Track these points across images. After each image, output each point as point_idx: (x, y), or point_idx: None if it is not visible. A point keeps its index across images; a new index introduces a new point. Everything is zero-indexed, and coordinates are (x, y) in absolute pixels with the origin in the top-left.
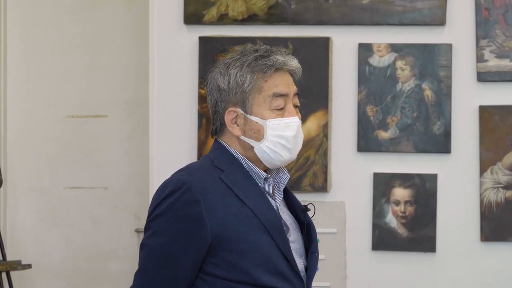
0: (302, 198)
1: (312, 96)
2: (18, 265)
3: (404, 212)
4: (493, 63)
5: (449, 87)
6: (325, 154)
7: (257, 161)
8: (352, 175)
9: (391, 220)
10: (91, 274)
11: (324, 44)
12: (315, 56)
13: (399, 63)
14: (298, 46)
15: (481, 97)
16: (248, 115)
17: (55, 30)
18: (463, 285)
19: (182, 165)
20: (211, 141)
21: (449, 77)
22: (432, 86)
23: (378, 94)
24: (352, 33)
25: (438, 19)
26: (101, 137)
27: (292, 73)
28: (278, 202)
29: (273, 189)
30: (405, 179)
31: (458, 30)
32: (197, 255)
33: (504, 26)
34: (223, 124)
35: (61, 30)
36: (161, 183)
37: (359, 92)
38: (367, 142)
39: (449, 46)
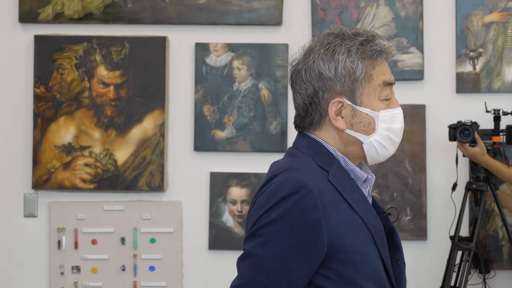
0: (139, 198)
1: (149, 96)
2: None
3: (241, 211)
4: None
5: (285, 87)
6: (161, 154)
7: (354, 158)
8: (189, 175)
9: (228, 219)
10: None
11: (160, 43)
12: (152, 56)
13: (236, 63)
14: (134, 45)
15: None
16: (358, 106)
17: None
18: None
19: (17, 165)
20: (46, 140)
21: (286, 77)
22: (268, 86)
23: (215, 93)
24: (189, 32)
25: (274, 19)
26: None
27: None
28: None
29: None
30: (241, 178)
31: (295, 30)
32: (311, 268)
33: (340, 26)
34: (322, 117)
35: None
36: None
37: (196, 91)
38: (204, 142)
39: (286, 46)
